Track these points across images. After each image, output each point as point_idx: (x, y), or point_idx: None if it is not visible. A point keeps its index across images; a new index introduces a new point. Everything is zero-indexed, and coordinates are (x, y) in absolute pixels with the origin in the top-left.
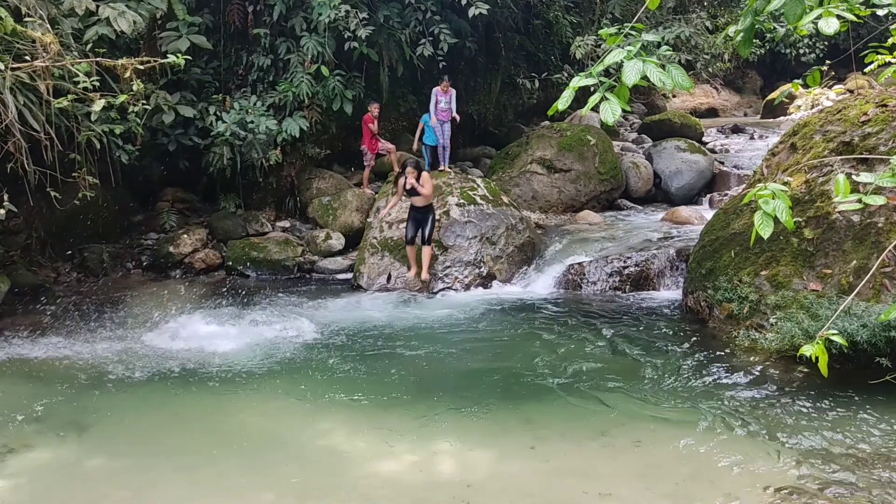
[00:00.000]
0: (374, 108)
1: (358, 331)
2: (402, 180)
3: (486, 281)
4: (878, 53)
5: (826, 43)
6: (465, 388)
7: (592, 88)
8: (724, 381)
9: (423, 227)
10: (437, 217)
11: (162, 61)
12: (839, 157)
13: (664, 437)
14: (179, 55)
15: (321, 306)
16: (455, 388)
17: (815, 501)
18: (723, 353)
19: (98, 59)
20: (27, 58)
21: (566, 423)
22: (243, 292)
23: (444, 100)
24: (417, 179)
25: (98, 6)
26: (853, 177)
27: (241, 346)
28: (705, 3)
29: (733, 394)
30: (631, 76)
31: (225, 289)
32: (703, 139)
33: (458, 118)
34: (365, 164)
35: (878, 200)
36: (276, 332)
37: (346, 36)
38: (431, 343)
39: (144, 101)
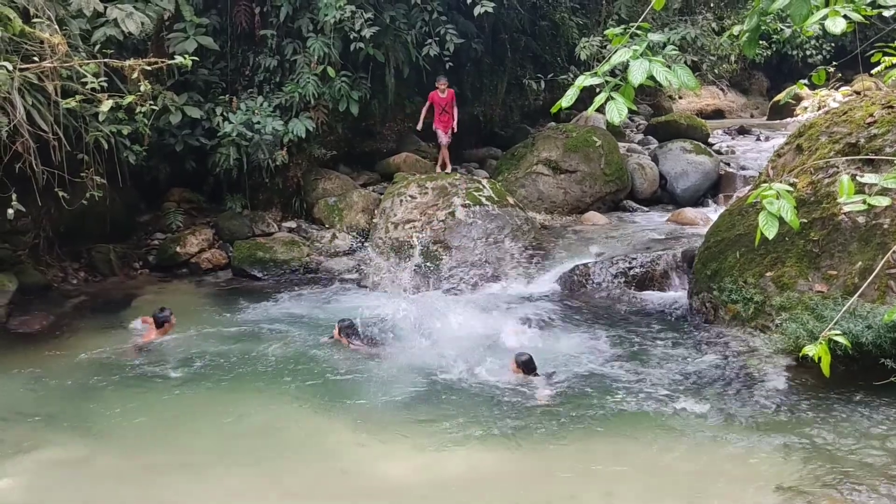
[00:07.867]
0: (442, 84)
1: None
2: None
3: (491, 281)
4: (884, 54)
5: (833, 44)
6: (467, 386)
7: (598, 89)
8: (729, 381)
9: None
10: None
11: (169, 62)
12: (845, 159)
13: (667, 437)
14: (187, 56)
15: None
16: (456, 387)
17: (820, 502)
18: (727, 354)
19: (106, 59)
20: (35, 59)
21: (569, 422)
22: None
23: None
24: None
25: (106, 7)
26: (858, 178)
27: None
28: (711, 5)
29: (738, 394)
30: (637, 75)
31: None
32: (710, 140)
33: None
34: (441, 143)
35: (884, 202)
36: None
37: (351, 37)
38: (432, 342)
39: (152, 102)
